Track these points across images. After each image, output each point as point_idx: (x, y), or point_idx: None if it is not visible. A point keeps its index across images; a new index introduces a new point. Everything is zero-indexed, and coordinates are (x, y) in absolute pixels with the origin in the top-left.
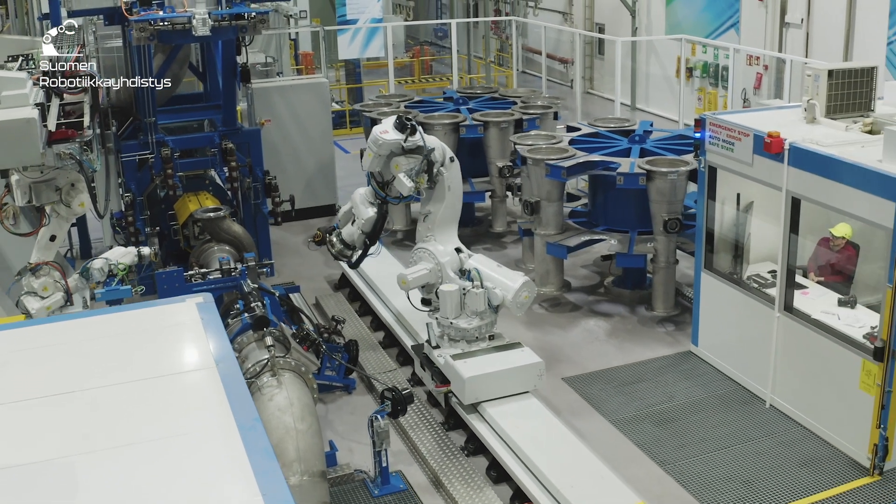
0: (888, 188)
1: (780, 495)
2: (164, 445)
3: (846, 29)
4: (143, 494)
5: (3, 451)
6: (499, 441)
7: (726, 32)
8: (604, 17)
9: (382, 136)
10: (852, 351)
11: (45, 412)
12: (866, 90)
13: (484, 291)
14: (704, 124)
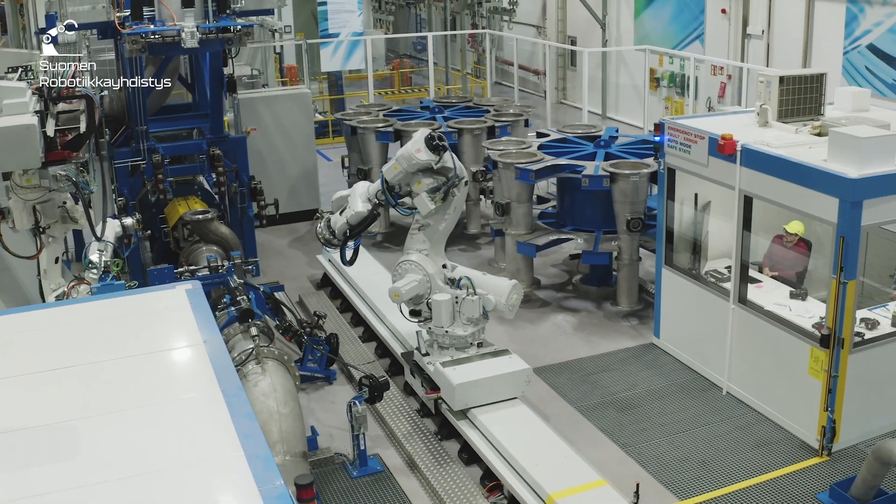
0: (832, 186)
1: (735, 475)
2: (157, 411)
3: (804, 40)
4: (138, 453)
5: (11, 416)
6: (474, 431)
7: (692, 43)
8: (576, 30)
9: (416, 154)
10: (801, 339)
11: (48, 383)
12: (816, 95)
13: (479, 298)
14: (663, 128)
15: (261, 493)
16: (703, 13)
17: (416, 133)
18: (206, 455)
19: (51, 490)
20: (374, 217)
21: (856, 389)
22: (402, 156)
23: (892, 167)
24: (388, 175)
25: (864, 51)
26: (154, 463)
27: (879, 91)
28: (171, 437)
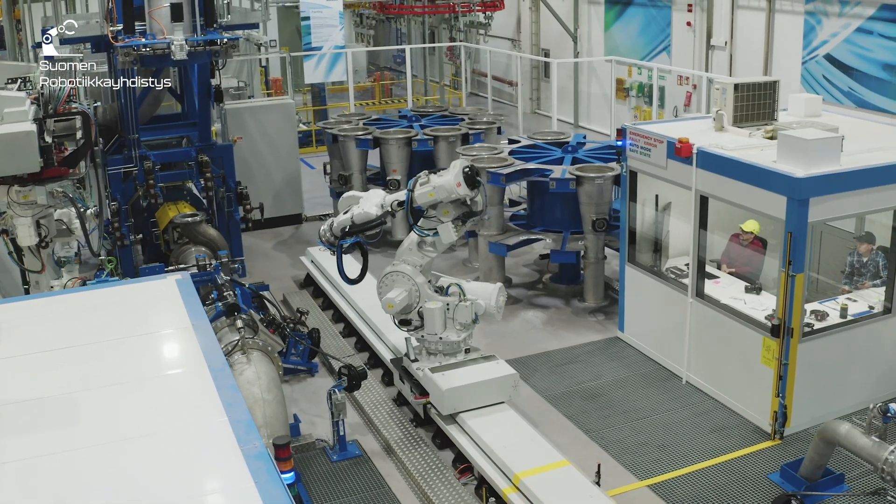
0: (780, 185)
1: (692, 457)
2: (149, 384)
3: (765, 50)
4: (132, 420)
5: (19, 389)
6: (454, 426)
7: (659, 55)
8: (549, 42)
9: (457, 188)
10: (754, 330)
11: (51, 360)
12: (769, 101)
13: (471, 303)
14: (625, 133)
15: (242, 451)
16: (669, 26)
17: (455, 163)
18: (194, 420)
19: (56, 451)
20: (379, 224)
21: (805, 377)
22: (442, 187)
23: (836, 167)
24: (421, 199)
25: (822, 60)
26: (146, 427)
27: (836, 98)
28: (161, 405)
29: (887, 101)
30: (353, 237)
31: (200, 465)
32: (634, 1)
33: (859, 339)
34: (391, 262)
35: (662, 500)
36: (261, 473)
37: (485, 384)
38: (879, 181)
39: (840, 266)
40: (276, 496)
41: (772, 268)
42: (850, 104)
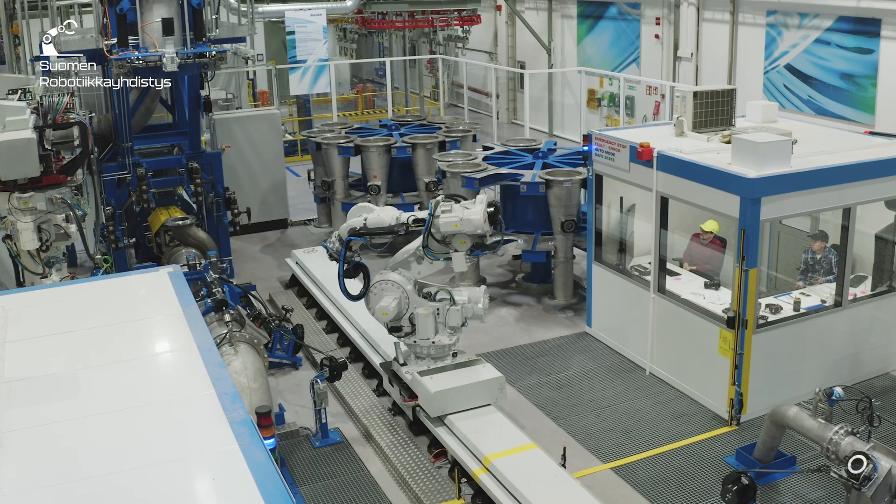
0: (734, 185)
1: (653, 442)
2: (143, 362)
3: (729, 61)
4: (127, 393)
5: (26, 366)
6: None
7: (629, 66)
8: (525, 55)
9: (483, 224)
10: (712, 322)
11: (54, 342)
12: (727, 108)
13: (461, 307)
14: (591, 139)
15: (228, 419)
16: (638, 38)
17: (479, 197)
18: (184, 393)
19: (59, 420)
20: (392, 232)
21: (760, 366)
22: (469, 221)
23: (787, 168)
24: (445, 228)
25: (783, 70)
26: (140, 399)
27: (796, 106)
28: (154, 381)
29: (845, 108)
30: (362, 238)
31: (190, 430)
32: (605, 15)
33: (811, 331)
34: (380, 271)
35: (624, 482)
36: (244, 437)
37: (472, 387)
38: (827, 182)
39: (796, 263)
40: (258, 456)
41: (730, 265)
42: (810, 112)
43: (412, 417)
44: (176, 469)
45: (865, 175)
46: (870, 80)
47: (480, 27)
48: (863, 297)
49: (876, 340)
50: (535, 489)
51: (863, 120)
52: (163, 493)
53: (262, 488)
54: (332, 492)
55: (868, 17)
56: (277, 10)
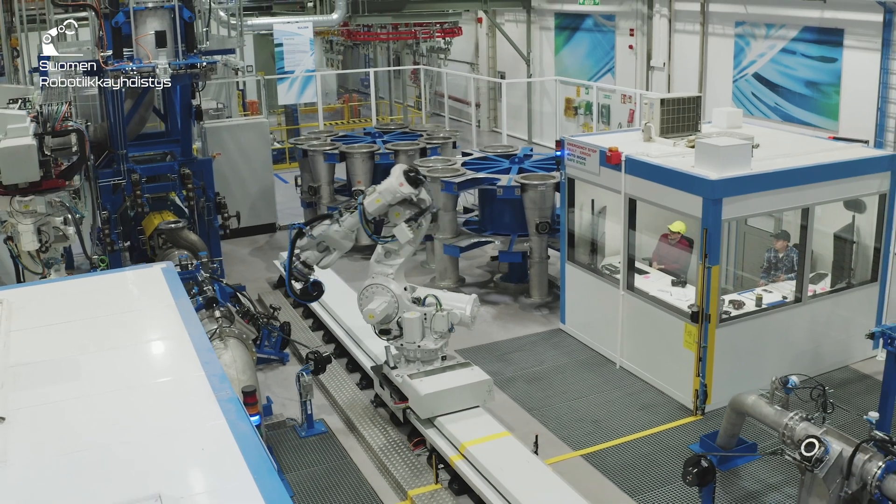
0: (697, 186)
1: (622, 431)
2: (137, 348)
3: (700, 70)
4: (122, 375)
5: (29, 353)
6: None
7: (605, 76)
8: (505, 66)
9: (399, 188)
10: (678, 317)
11: (54, 331)
12: (692, 115)
13: (447, 313)
14: (563, 144)
15: (216, 398)
16: (613, 49)
17: (395, 168)
18: (175, 374)
19: (60, 399)
20: (328, 216)
21: (724, 359)
22: (386, 189)
23: (747, 171)
24: (370, 207)
25: (751, 79)
26: (135, 380)
27: (764, 113)
28: (148, 364)
29: (810, 114)
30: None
31: (181, 407)
32: (581, 26)
33: (772, 326)
34: (371, 274)
35: (594, 468)
36: (231, 413)
37: (461, 389)
38: (786, 183)
39: (760, 262)
40: (244, 430)
41: (696, 263)
42: (777, 118)
43: (402, 419)
44: (168, 441)
45: (823, 177)
46: (833, 87)
47: (462, 39)
48: (822, 293)
49: (835, 335)
50: (508, 474)
51: (827, 126)
52: (156, 461)
53: (247, 457)
54: (316, 478)
55: (831, 28)
56: (266, 22)
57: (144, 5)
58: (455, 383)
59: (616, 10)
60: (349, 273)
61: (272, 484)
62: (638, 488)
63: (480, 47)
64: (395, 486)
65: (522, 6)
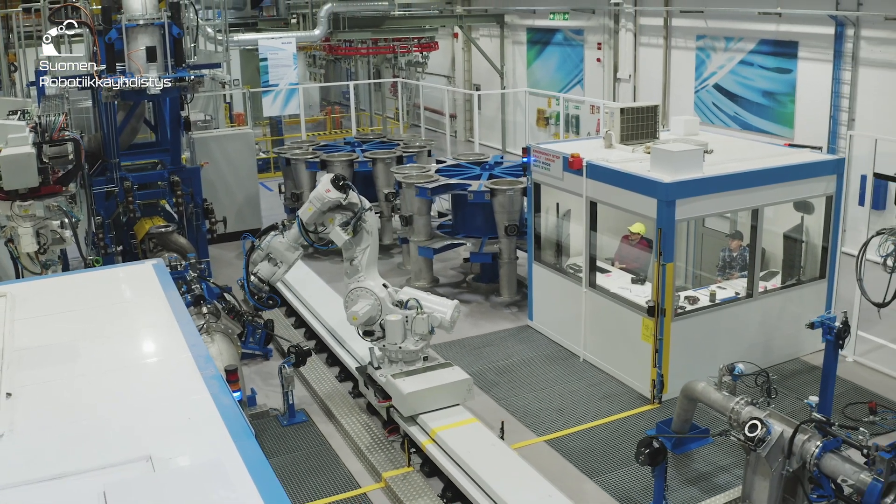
0: (652, 189)
1: (583, 418)
2: (130, 334)
3: (663, 81)
4: (117, 357)
5: (32, 338)
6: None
7: (574, 87)
8: (480, 78)
9: (326, 194)
10: (636, 312)
11: (56, 320)
12: (651, 123)
13: (427, 316)
14: (529, 151)
15: (201, 375)
16: (582, 62)
17: (324, 177)
18: (165, 356)
19: (60, 378)
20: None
21: (679, 350)
22: (315, 197)
23: (699, 174)
24: (304, 216)
25: (711, 89)
26: (128, 361)
27: (724, 122)
28: (140, 347)
29: (767, 123)
30: (258, 241)
31: (169, 383)
32: (552, 41)
33: (724, 320)
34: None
35: (556, 452)
36: (214, 388)
37: (442, 388)
38: (736, 186)
39: (717, 261)
40: (225, 402)
41: (653, 262)
42: (736, 127)
43: (386, 417)
44: (158, 411)
45: (771, 180)
46: (789, 97)
47: (439, 53)
48: (773, 289)
49: (786, 329)
50: (475, 457)
51: (783, 133)
52: (147, 429)
53: (228, 424)
54: (297, 462)
55: (786, 41)
56: (251, 38)
57: (136, 22)
58: (436, 382)
59: (584, 24)
60: (330, 275)
61: (251, 447)
62: (597, 470)
63: (457, 61)
64: (371, 470)
65: (496, 22)
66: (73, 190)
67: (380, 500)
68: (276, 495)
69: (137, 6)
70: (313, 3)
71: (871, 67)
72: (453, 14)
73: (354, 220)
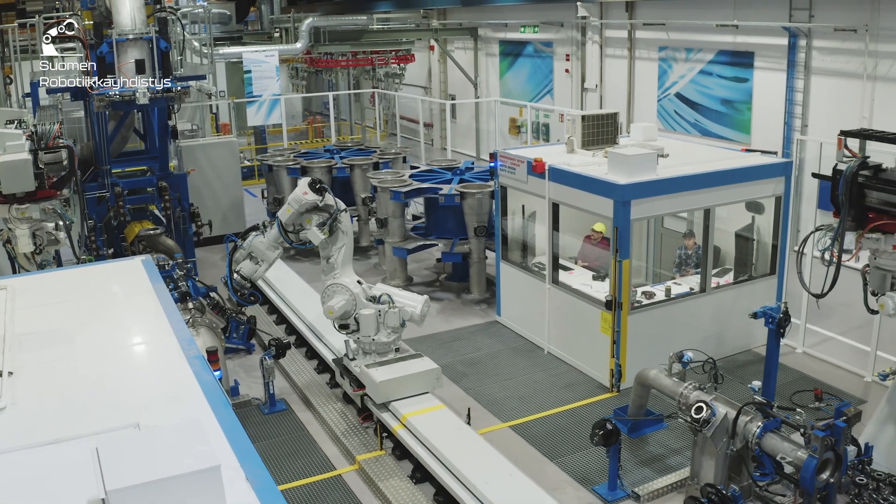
0: (608, 190)
1: (546, 406)
2: (122, 321)
3: (628, 91)
4: (109, 340)
5: (32, 324)
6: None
7: (545, 97)
8: (455, 89)
9: (304, 196)
10: (595, 306)
11: (53, 309)
12: (610, 129)
13: (399, 310)
14: (496, 157)
15: (185, 355)
16: (551, 73)
17: (301, 180)
18: (152, 339)
19: (57, 359)
20: (255, 229)
21: (636, 342)
22: (293, 199)
23: (652, 176)
24: (283, 217)
25: (673, 98)
26: (119, 344)
27: (685, 129)
28: (131, 332)
29: (726, 129)
30: (239, 242)
31: (156, 362)
32: (523, 53)
33: (679, 313)
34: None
35: (519, 436)
36: (196, 366)
37: (412, 377)
38: (687, 187)
39: (674, 259)
40: (206, 378)
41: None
42: (697, 133)
43: (360, 405)
44: (145, 386)
45: (721, 182)
46: (746, 104)
47: (416, 65)
48: (725, 284)
49: (738, 322)
50: (443, 440)
51: (741, 139)
52: (135, 401)
53: (209, 398)
54: (278, 447)
55: (743, 51)
56: (236, 51)
57: (126, 37)
58: (407, 372)
59: (553, 37)
60: (310, 275)
61: (227, 414)
62: (557, 453)
63: (433, 72)
64: (346, 453)
65: (470, 35)
66: (66, 194)
67: (354, 481)
68: (246, 450)
69: (127, 21)
70: (295, 17)
71: (822, 76)
72: (429, 28)
73: (330, 220)
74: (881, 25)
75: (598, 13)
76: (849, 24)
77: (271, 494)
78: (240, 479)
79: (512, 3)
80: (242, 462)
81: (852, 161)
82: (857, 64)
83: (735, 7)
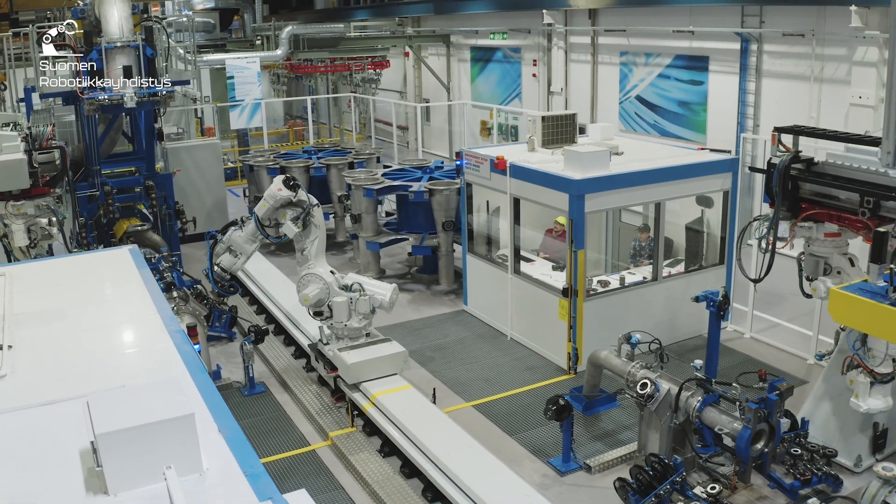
0: (564, 185)
1: (507, 386)
2: (111, 303)
3: (591, 94)
4: (100, 318)
5: (29, 305)
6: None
7: (514, 100)
8: (429, 93)
9: (278, 193)
10: (553, 294)
11: (49, 293)
12: (569, 129)
13: (369, 297)
14: (462, 155)
15: (168, 332)
16: (520, 77)
17: (276, 177)
18: (139, 318)
19: (54, 335)
20: (234, 224)
21: (591, 327)
22: (268, 195)
23: (605, 172)
24: (260, 212)
25: (634, 100)
26: (108, 321)
27: (645, 130)
28: (119, 312)
29: (683, 130)
30: (219, 236)
31: (141, 337)
32: (493, 58)
33: (632, 300)
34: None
35: (482, 415)
36: (177, 339)
37: (381, 359)
38: (638, 182)
39: (629, 251)
40: (186, 349)
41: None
42: (656, 134)
43: (334, 386)
44: (131, 356)
45: (670, 177)
46: (701, 106)
47: (391, 70)
48: (676, 274)
49: (689, 309)
50: (409, 417)
51: (697, 139)
52: (122, 368)
53: (188, 366)
54: (257, 426)
55: (699, 55)
56: (219, 58)
57: (114, 45)
58: (376, 354)
59: (521, 43)
60: (288, 269)
61: (205, 381)
62: (517, 429)
63: (408, 77)
64: (320, 430)
65: (443, 42)
66: (59, 192)
67: (327, 456)
68: (216, 402)
69: (115, 30)
70: (276, 26)
71: (772, 78)
72: (404, 35)
73: (304, 215)
74: (826, 30)
75: (563, 20)
76: (797, 30)
77: (240, 444)
78: (213, 431)
79: (482, 10)
80: (215, 416)
81: (785, 155)
82: (805, 67)
83: (691, 14)
